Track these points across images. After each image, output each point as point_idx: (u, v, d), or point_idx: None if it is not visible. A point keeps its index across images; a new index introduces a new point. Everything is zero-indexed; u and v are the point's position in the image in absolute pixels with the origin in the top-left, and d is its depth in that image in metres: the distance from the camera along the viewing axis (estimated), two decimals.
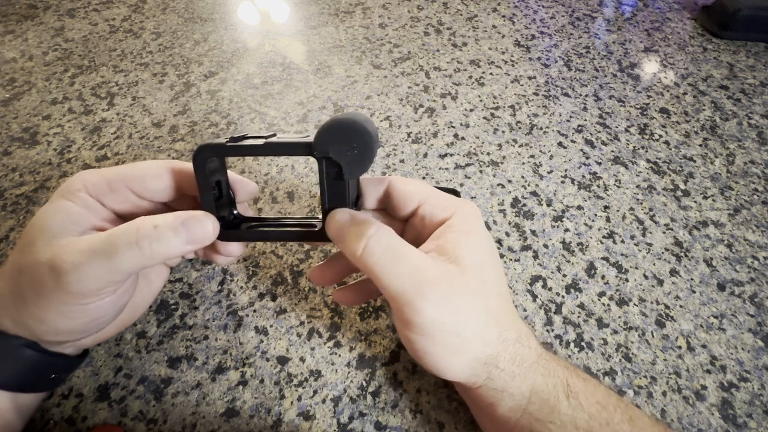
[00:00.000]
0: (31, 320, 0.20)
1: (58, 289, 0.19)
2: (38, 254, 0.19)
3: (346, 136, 0.19)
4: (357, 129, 0.19)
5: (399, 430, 0.25)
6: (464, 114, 0.46)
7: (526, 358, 0.21)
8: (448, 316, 0.20)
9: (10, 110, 0.43)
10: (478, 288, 0.21)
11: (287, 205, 0.36)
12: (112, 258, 0.19)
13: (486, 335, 0.21)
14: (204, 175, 0.21)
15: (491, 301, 0.22)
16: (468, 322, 0.20)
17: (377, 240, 0.20)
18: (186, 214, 0.21)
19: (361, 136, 0.19)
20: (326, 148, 0.19)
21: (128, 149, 0.40)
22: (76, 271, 0.19)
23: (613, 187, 0.39)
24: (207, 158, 0.21)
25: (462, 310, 0.20)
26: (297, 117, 0.44)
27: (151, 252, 0.20)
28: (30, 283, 0.20)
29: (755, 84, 0.52)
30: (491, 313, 0.21)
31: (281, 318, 0.30)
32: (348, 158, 0.19)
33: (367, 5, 0.61)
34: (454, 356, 0.20)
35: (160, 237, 0.20)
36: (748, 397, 0.28)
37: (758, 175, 0.41)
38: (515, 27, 0.59)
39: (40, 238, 0.20)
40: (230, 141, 0.21)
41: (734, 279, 0.33)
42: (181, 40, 0.53)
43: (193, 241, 0.21)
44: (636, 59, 0.55)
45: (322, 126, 0.19)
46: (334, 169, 0.20)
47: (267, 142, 0.20)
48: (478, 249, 0.22)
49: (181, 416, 0.25)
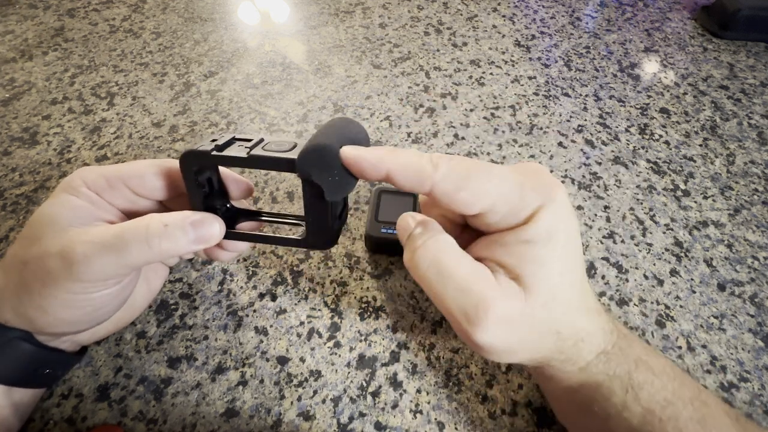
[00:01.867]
0: (34, 311, 0.20)
1: (68, 278, 0.20)
2: (47, 245, 0.20)
3: (326, 162, 0.19)
4: (336, 156, 0.18)
5: (399, 430, 0.25)
6: (464, 114, 0.45)
7: (581, 358, 0.21)
8: (499, 343, 0.18)
9: (10, 110, 0.43)
10: (543, 318, 0.19)
11: (287, 204, 0.36)
12: (122, 252, 0.20)
13: (540, 356, 0.20)
14: (191, 179, 0.22)
15: (554, 325, 0.19)
16: (522, 348, 0.19)
17: (423, 253, 0.19)
18: (195, 214, 0.22)
19: (341, 164, 0.19)
20: (307, 172, 0.19)
21: (128, 149, 0.40)
22: (87, 261, 0.19)
23: (613, 187, 0.39)
24: (192, 165, 0.21)
25: (515, 340, 0.19)
26: (297, 117, 0.44)
27: (159, 249, 0.20)
28: (36, 274, 0.20)
29: (755, 84, 0.52)
30: (548, 339, 0.20)
31: (281, 318, 0.30)
32: (329, 183, 0.19)
33: (367, 5, 0.61)
34: (507, 360, 0.20)
35: (169, 235, 0.20)
36: (748, 397, 0.28)
37: (758, 175, 0.41)
38: (515, 27, 0.59)
39: (48, 230, 0.20)
40: (215, 150, 0.21)
41: (734, 279, 0.33)
42: (181, 40, 0.53)
43: (200, 240, 0.21)
44: (636, 59, 0.55)
45: (305, 148, 0.19)
46: (316, 189, 0.20)
47: (250, 155, 0.20)
48: (560, 274, 0.19)
49: (181, 416, 0.25)
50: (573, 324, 0.20)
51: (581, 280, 0.20)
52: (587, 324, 0.21)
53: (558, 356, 0.20)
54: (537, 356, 0.20)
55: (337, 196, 0.20)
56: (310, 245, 0.23)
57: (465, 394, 0.27)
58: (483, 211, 0.19)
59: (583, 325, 0.20)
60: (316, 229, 0.22)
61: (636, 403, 0.20)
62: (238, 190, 0.25)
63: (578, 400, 0.22)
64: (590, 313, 0.21)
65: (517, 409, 0.26)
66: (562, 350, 0.20)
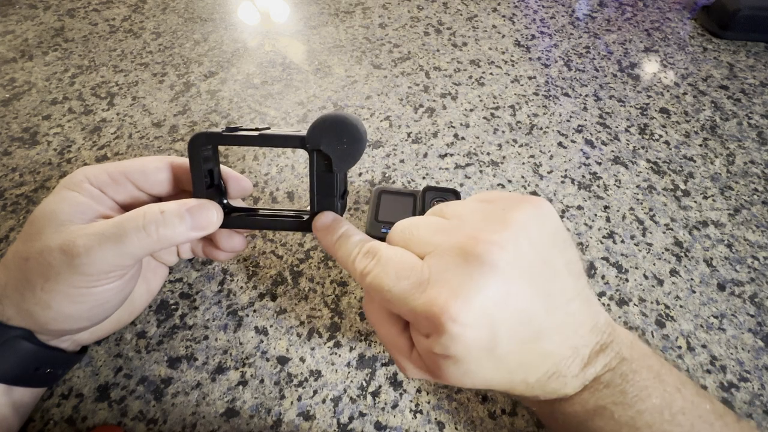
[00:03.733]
0: (37, 307, 0.20)
1: (70, 272, 0.20)
2: (48, 240, 0.20)
3: (337, 131, 0.20)
4: (347, 125, 0.20)
5: (399, 430, 0.25)
6: (464, 114, 0.46)
7: (564, 387, 0.20)
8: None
9: (10, 110, 0.43)
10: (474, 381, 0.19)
11: (287, 204, 0.36)
12: (121, 241, 0.20)
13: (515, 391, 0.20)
14: (198, 161, 0.22)
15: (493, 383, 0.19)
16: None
17: (365, 298, 0.23)
18: (192, 201, 0.22)
19: (351, 132, 0.20)
20: (318, 141, 0.21)
21: (128, 149, 0.40)
22: (88, 253, 0.19)
23: (613, 187, 0.39)
24: (202, 145, 0.22)
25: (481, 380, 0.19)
26: (297, 117, 0.44)
27: (158, 236, 0.20)
28: (38, 269, 0.20)
29: (755, 84, 0.52)
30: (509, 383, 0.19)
31: (281, 318, 0.30)
32: (338, 152, 0.21)
33: (367, 5, 0.61)
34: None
35: (166, 222, 0.21)
36: (748, 397, 0.28)
37: (758, 175, 0.41)
38: (515, 27, 0.59)
39: (49, 225, 0.20)
40: (226, 131, 0.22)
41: (734, 279, 0.33)
42: (181, 40, 0.53)
43: (198, 227, 0.22)
44: (636, 59, 0.55)
45: (315, 121, 0.20)
46: (324, 162, 0.22)
47: (261, 134, 0.21)
48: (470, 372, 0.19)
49: (181, 416, 0.25)
50: (524, 379, 0.19)
51: (515, 351, 0.18)
52: (560, 359, 0.19)
53: (540, 394, 0.20)
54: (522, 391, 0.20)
55: (345, 167, 0.21)
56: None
57: (465, 394, 0.27)
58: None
59: (555, 361, 0.19)
60: (322, 207, 0.23)
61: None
62: (237, 187, 0.25)
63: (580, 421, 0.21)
64: (546, 357, 0.19)
65: (517, 409, 0.26)
66: (534, 387, 0.19)
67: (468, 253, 0.18)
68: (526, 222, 0.19)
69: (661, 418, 0.19)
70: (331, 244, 0.22)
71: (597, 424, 0.19)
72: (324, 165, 0.22)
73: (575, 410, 0.20)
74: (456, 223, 0.20)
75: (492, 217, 0.20)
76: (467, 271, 0.18)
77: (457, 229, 0.20)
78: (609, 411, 0.19)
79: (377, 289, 0.19)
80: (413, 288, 0.18)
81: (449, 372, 0.18)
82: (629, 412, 0.19)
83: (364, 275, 0.20)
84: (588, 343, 0.20)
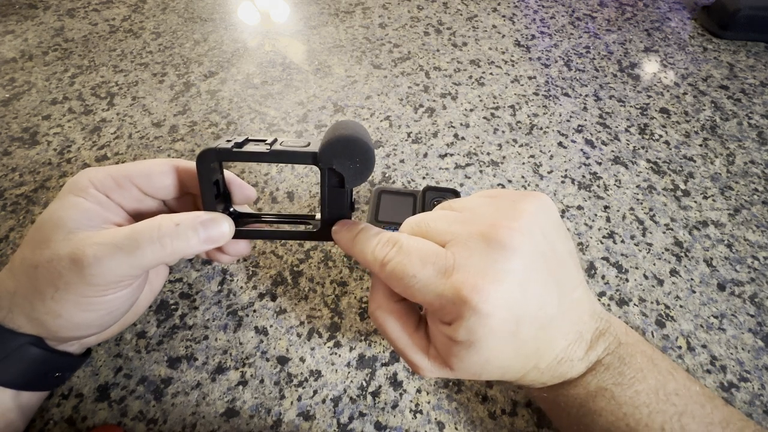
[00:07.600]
0: (48, 316, 0.20)
1: (80, 282, 0.19)
2: (56, 249, 0.20)
3: (350, 151, 0.21)
4: (360, 145, 0.20)
5: (399, 430, 0.25)
6: (464, 114, 0.45)
7: (571, 370, 0.21)
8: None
9: (10, 110, 0.43)
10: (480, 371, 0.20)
11: (287, 204, 0.36)
12: (134, 253, 0.20)
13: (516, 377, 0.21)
14: (207, 177, 0.22)
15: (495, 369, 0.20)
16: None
17: (373, 301, 0.23)
18: (205, 214, 0.22)
19: (363, 152, 0.21)
20: (331, 161, 0.21)
21: (128, 149, 0.40)
22: (99, 263, 0.19)
23: (613, 187, 0.39)
24: (211, 162, 0.22)
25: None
26: (297, 117, 0.44)
27: (172, 249, 0.20)
28: (48, 278, 0.20)
29: (755, 84, 0.52)
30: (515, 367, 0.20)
31: (281, 318, 0.30)
32: (350, 170, 0.21)
33: (367, 5, 0.61)
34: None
35: (180, 235, 0.21)
36: (749, 397, 0.28)
37: (758, 175, 0.41)
38: (515, 27, 0.59)
39: (57, 232, 0.20)
40: (235, 147, 0.22)
41: (734, 279, 0.33)
42: (181, 40, 0.53)
43: (210, 240, 0.22)
44: (636, 59, 0.55)
45: (327, 140, 0.21)
46: (335, 178, 0.22)
47: (272, 150, 0.21)
48: (486, 362, 0.19)
49: (181, 416, 0.25)
50: (537, 365, 0.20)
51: (522, 353, 0.19)
52: (556, 351, 0.20)
53: (537, 380, 0.21)
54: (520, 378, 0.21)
55: (356, 183, 0.22)
56: (325, 237, 0.24)
57: (465, 394, 0.27)
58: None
59: (552, 352, 0.20)
60: (333, 218, 0.24)
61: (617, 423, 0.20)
62: (241, 195, 0.25)
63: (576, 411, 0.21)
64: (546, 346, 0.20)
65: (517, 409, 0.26)
66: (540, 369, 0.20)
67: (490, 239, 0.19)
68: (536, 212, 0.20)
69: (657, 398, 0.20)
70: (350, 239, 0.22)
71: (599, 405, 0.20)
72: (336, 181, 0.22)
73: (578, 392, 0.21)
74: (469, 215, 0.21)
75: (504, 207, 0.20)
76: (492, 255, 0.18)
77: (473, 219, 0.20)
78: (609, 391, 0.20)
79: (399, 277, 0.20)
80: (439, 273, 0.19)
81: (469, 361, 0.19)
82: (628, 392, 0.20)
83: (384, 264, 0.20)
84: (590, 328, 0.21)
